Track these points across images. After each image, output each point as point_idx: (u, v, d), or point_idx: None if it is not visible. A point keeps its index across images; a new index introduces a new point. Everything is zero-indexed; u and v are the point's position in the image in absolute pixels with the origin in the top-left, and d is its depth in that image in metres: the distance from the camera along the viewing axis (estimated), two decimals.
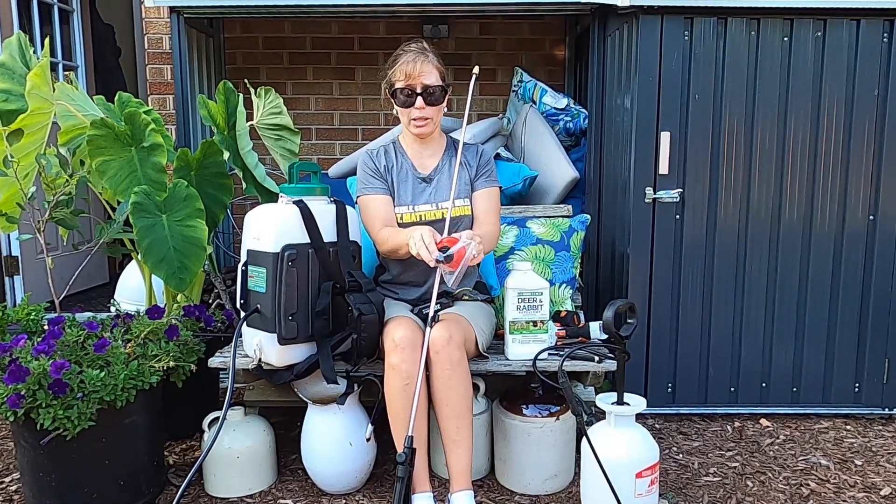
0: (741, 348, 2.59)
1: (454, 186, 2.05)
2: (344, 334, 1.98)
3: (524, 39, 3.86)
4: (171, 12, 2.91)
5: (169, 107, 3.66)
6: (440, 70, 2.08)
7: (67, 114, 2.20)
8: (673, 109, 2.45)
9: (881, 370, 2.59)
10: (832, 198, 2.51)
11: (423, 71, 2.04)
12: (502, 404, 2.13)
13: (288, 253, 1.89)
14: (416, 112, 2.07)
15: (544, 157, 3.00)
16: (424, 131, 2.12)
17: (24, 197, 2.19)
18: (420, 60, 2.04)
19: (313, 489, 2.11)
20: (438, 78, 2.07)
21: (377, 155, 2.20)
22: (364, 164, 2.19)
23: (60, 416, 1.76)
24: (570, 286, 2.49)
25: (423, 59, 2.05)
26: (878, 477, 2.19)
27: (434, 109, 2.09)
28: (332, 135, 3.94)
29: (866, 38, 2.43)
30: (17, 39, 2.28)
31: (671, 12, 2.40)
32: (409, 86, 2.05)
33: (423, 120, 2.09)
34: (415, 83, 2.04)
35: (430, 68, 2.05)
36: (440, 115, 2.14)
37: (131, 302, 2.65)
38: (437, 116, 2.12)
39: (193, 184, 2.31)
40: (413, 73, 2.03)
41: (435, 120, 2.12)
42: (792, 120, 2.47)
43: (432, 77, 2.05)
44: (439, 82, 2.07)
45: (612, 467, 1.77)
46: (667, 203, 2.50)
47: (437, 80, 2.06)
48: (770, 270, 2.54)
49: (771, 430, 2.53)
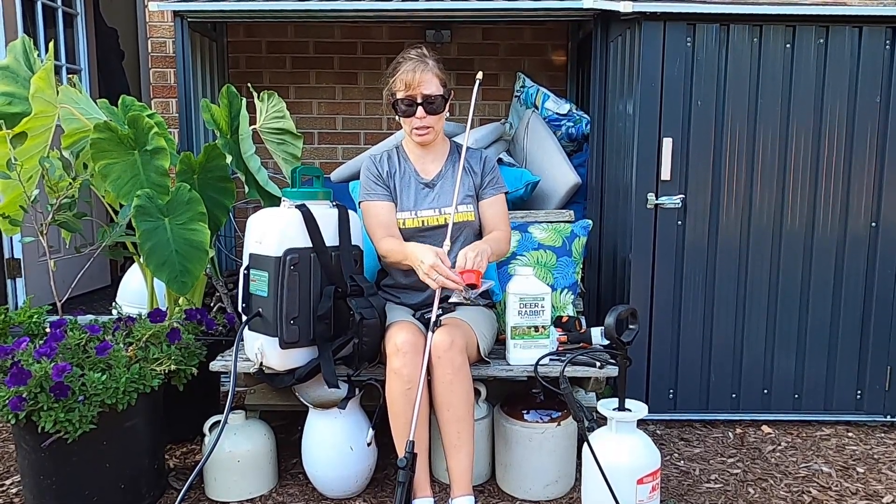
0: (743, 355, 2.58)
1: (456, 192, 2.05)
2: (345, 338, 1.98)
3: (526, 45, 3.87)
4: (175, 16, 2.93)
5: (172, 110, 3.67)
6: (440, 77, 2.08)
7: (71, 117, 2.21)
8: (675, 115, 2.45)
9: (883, 377, 2.58)
10: (834, 205, 2.51)
11: (423, 80, 2.03)
12: (503, 409, 2.13)
13: (290, 257, 1.89)
14: (416, 122, 2.07)
15: (546, 163, 3.00)
16: (426, 140, 2.12)
17: (27, 200, 2.19)
18: (420, 69, 2.03)
19: (314, 493, 2.11)
20: (439, 86, 2.07)
21: (380, 160, 2.20)
22: (367, 170, 2.19)
23: (62, 419, 1.76)
24: (571, 291, 2.50)
25: (423, 68, 2.04)
26: (880, 485, 2.18)
27: (435, 118, 2.09)
28: (334, 139, 3.94)
29: (868, 45, 2.43)
30: (21, 43, 2.29)
31: (674, 19, 2.41)
32: (409, 96, 2.04)
33: (425, 129, 2.09)
34: (415, 93, 2.04)
35: (429, 77, 2.04)
36: (442, 122, 2.14)
37: (133, 305, 2.65)
38: (438, 125, 2.12)
39: (196, 187, 2.31)
40: (413, 82, 2.03)
41: (436, 128, 2.12)
42: (794, 127, 2.47)
43: (432, 86, 2.05)
44: (440, 91, 2.06)
45: (614, 473, 1.77)
46: (669, 209, 2.50)
47: (438, 88, 2.06)
48: (772, 277, 2.54)
49: (773, 437, 2.52)
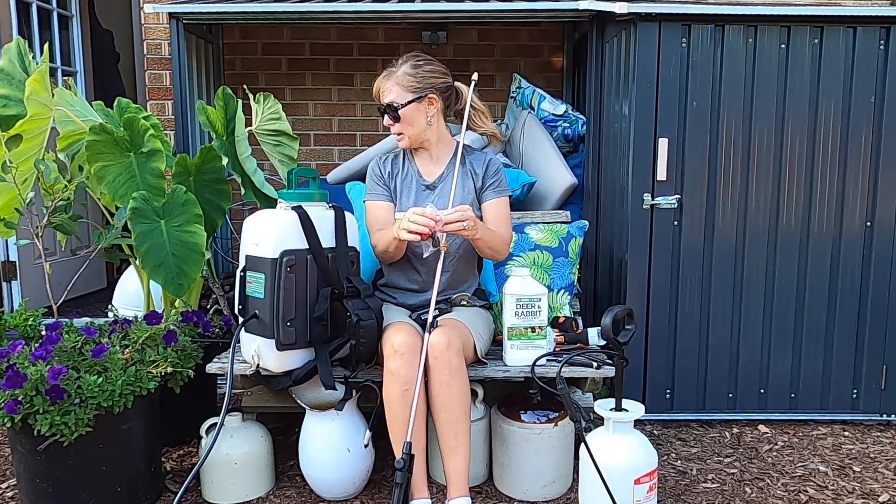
0: (739, 354, 2.59)
1: (453, 192, 2.05)
2: (342, 340, 1.98)
3: (522, 46, 3.87)
4: (171, 18, 2.92)
5: (168, 112, 3.66)
6: (406, 86, 2.07)
7: (66, 119, 2.20)
8: (671, 116, 2.46)
9: (879, 376, 2.59)
10: (829, 204, 2.52)
11: (384, 89, 2.11)
12: (500, 410, 2.13)
13: (286, 259, 1.89)
14: (391, 128, 2.13)
15: (542, 163, 3.00)
16: (403, 145, 2.17)
17: (23, 202, 2.19)
18: (384, 78, 2.12)
19: (311, 495, 2.11)
20: (402, 94, 2.07)
21: (384, 161, 2.23)
22: (371, 170, 2.23)
23: (58, 421, 1.75)
24: (568, 292, 2.50)
25: (387, 77, 2.11)
26: (877, 483, 2.19)
27: (401, 125, 2.11)
28: (330, 140, 3.94)
29: (863, 45, 2.44)
30: (16, 45, 2.28)
31: (669, 19, 2.41)
32: (378, 104, 2.13)
33: (398, 134, 2.14)
34: (380, 102, 2.12)
35: (390, 86, 2.09)
36: (417, 126, 2.11)
37: (129, 307, 2.64)
38: (409, 131, 2.12)
39: (192, 189, 2.31)
40: (377, 91, 2.14)
41: (409, 134, 2.13)
42: (789, 127, 2.48)
43: (392, 94, 2.09)
44: (401, 100, 2.07)
45: (611, 473, 1.77)
46: (665, 209, 2.51)
47: (400, 96, 2.07)
48: (768, 277, 2.55)
49: (769, 437, 2.53)
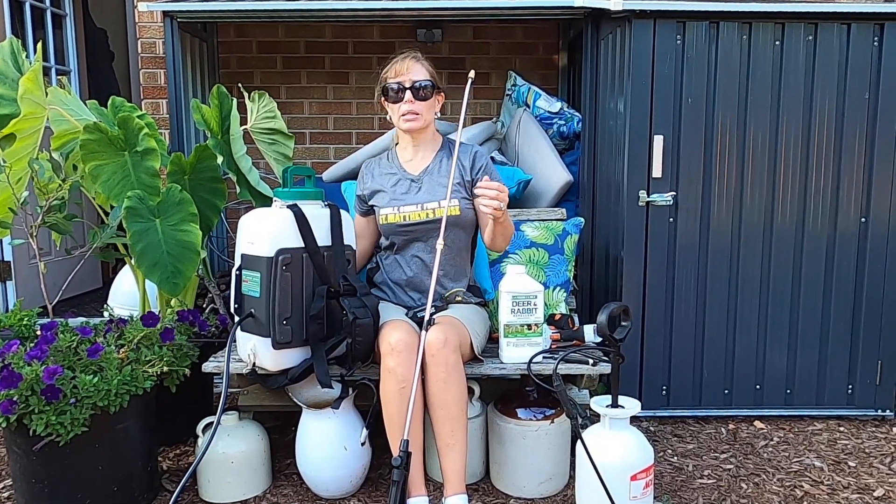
0: (735, 351, 2.59)
1: (450, 186, 2.05)
2: (338, 338, 1.98)
3: (518, 43, 3.87)
4: (165, 16, 2.91)
5: (162, 111, 3.65)
6: (430, 71, 2.15)
7: (60, 118, 2.20)
8: (666, 113, 2.46)
9: (874, 372, 2.60)
10: (824, 200, 2.52)
11: (413, 68, 2.11)
12: (497, 407, 2.13)
13: (282, 257, 1.89)
14: (405, 107, 2.11)
15: (538, 161, 3.00)
16: (413, 126, 2.13)
17: (17, 202, 2.18)
18: (410, 59, 2.13)
19: (308, 494, 2.11)
20: (428, 77, 2.13)
21: (369, 166, 2.28)
22: (358, 180, 2.30)
23: (53, 421, 1.75)
24: (564, 289, 2.50)
25: (414, 59, 2.13)
26: (872, 478, 2.20)
27: (423, 105, 2.11)
28: (326, 139, 3.93)
29: (857, 41, 2.44)
30: (9, 44, 2.27)
31: (664, 16, 2.41)
32: (398, 81, 2.11)
33: (413, 115, 2.12)
34: (404, 79, 2.10)
35: (419, 67, 2.12)
36: (430, 113, 2.16)
37: (125, 307, 2.64)
38: (426, 113, 2.14)
39: (187, 188, 2.30)
40: (402, 70, 2.11)
41: (424, 117, 2.14)
42: (784, 123, 2.49)
43: (421, 74, 2.11)
44: (429, 80, 2.12)
45: (607, 470, 1.78)
46: (660, 206, 2.51)
47: (427, 77, 2.12)
48: (763, 273, 2.55)
49: (765, 432, 2.54)
